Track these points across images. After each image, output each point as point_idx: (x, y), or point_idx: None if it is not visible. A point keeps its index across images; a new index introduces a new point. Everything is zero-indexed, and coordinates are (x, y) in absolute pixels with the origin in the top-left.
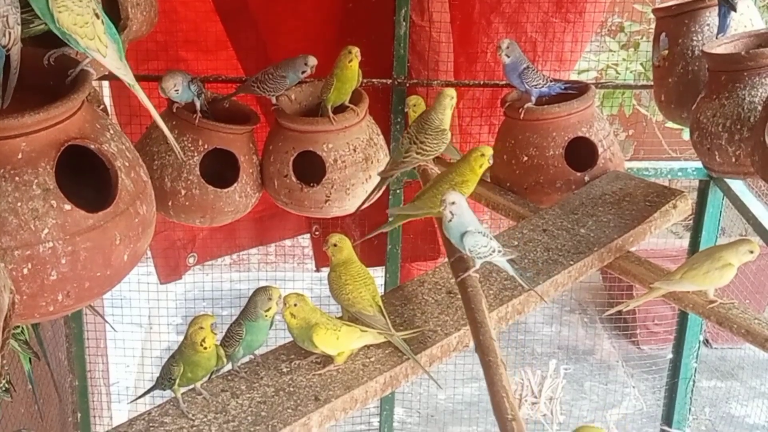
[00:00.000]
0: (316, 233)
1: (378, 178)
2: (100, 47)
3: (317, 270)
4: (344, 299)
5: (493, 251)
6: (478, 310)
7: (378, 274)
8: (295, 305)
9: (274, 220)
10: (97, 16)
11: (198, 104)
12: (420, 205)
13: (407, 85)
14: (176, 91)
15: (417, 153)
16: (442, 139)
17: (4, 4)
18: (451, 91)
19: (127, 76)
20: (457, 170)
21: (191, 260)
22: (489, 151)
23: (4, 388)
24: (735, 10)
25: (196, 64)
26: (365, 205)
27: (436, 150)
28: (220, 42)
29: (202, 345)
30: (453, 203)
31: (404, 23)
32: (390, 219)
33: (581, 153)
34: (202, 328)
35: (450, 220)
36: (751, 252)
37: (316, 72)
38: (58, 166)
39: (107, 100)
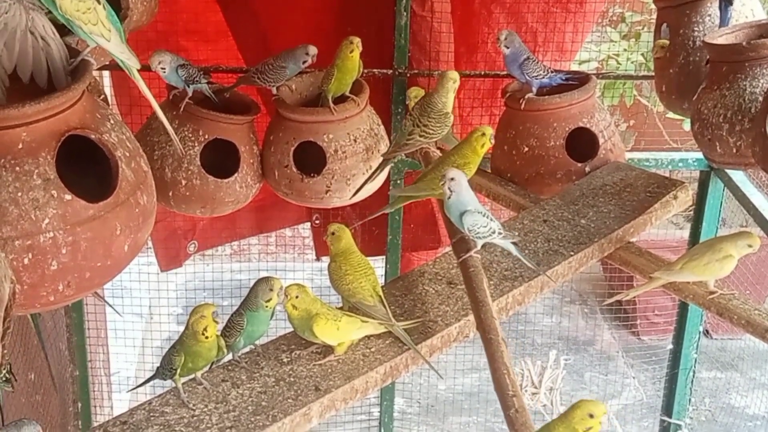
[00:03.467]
0: (317, 222)
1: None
2: (103, 32)
3: (317, 259)
4: (344, 289)
5: (493, 232)
6: (479, 289)
7: (378, 264)
8: (297, 297)
9: (275, 209)
10: (98, 2)
11: (189, 91)
12: (422, 187)
13: (408, 75)
14: (162, 68)
15: (420, 136)
16: (445, 122)
17: None
18: (454, 74)
19: (130, 60)
20: (459, 152)
21: (192, 248)
22: (489, 131)
23: (5, 378)
24: (732, 4)
25: (197, 53)
26: (364, 188)
27: (439, 133)
28: (220, 31)
29: (203, 334)
30: (452, 179)
31: (405, 13)
32: (391, 200)
33: (582, 144)
34: (203, 317)
35: (449, 198)
36: (751, 246)
37: (316, 62)
38: (58, 156)
39: (108, 90)
